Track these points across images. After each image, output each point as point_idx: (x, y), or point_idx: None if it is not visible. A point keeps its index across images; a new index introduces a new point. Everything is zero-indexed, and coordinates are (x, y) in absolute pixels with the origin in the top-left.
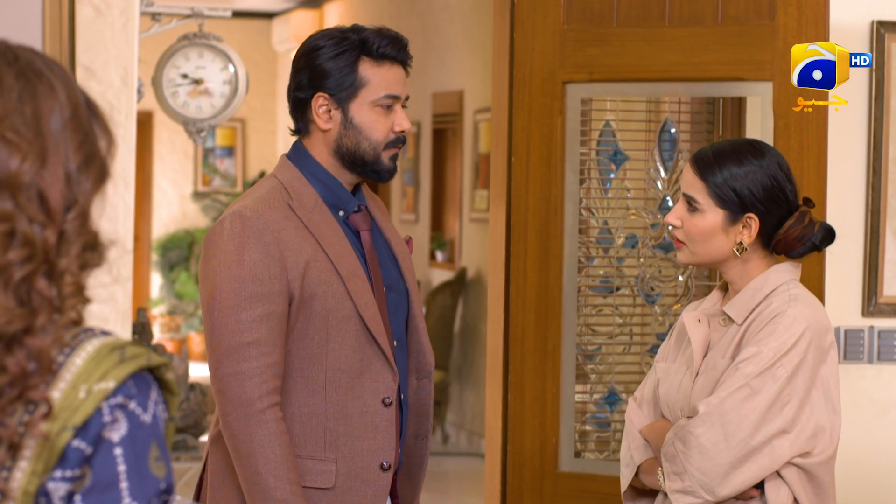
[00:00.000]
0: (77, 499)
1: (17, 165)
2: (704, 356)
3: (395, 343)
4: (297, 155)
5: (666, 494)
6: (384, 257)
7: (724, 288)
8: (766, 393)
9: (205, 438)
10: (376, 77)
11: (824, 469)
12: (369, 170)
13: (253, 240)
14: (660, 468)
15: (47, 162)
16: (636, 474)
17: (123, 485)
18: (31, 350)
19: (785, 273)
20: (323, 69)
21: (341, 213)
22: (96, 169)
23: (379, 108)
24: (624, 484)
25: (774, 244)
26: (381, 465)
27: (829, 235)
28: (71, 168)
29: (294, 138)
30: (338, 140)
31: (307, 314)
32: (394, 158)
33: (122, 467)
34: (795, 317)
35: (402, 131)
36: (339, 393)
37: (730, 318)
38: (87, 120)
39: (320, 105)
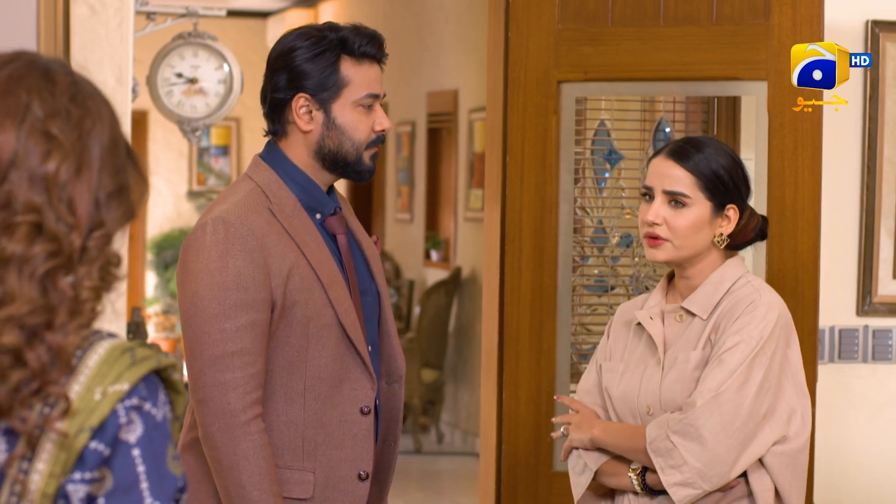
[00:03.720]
0: (100, 502)
1: (55, 165)
2: (665, 352)
3: (369, 348)
4: (272, 156)
5: (637, 493)
6: (357, 259)
7: (667, 283)
8: (755, 380)
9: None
10: (357, 76)
11: (802, 453)
12: (351, 170)
13: (237, 246)
14: (631, 469)
15: (81, 173)
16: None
17: (144, 485)
18: (51, 346)
19: (739, 267)
20: (302, 70)
21: (318, 215)
22: (126, 204)
23: (361, 107)
24: (578, 492)
25: (735, 235)
26: (359, 475)
27: (766, 224)
28: (101, 194)
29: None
30: (319, 141)
31: (288, 322)
32: (373, 158)
33: (141, 468)
34: (769, 304)
35: (383, 130)
36: (318, 402)
37: (689, 313)
38: (124, 157)
39: (301, 106)
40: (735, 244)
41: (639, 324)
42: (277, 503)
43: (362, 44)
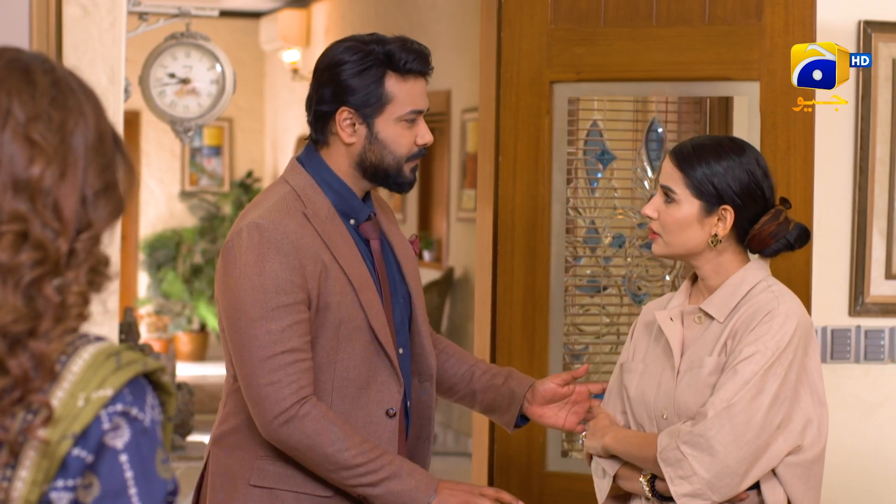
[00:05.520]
0: None
1: (39, 171)
2: (682, 354)
3: (400, 350)
4: (310, 160)
5: (648, 498)
6: (389, 263)
7: (691, 284)
8: (769, 391)
9: (192, 438)
10: (402, 92)
11: (816, 464)
12: (392, 182)
13: (272, 250)
14: (643, 475)
15: (66, 175)
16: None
17: (132, 490)
18: (34, 353)
19: (760, 270)
20: (348, 85)
21: (352, 221)
22: (114, 201)
23: (404, 122)
24: (602, 496)
25: (749, 240)
26: None
27: (804, 235)
28: (88, 193)
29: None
30: (361, 154)
31: (321, 323)
32: (414, 170)
33: (129, 473)
34: (787, 314)
35: (425, 144)
36: (345, 402)
37: (707, 315)
38: (111, 151)
39: (344, 119)
40: (754, 249)
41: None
42: (370, 450)
43: (408, 60)
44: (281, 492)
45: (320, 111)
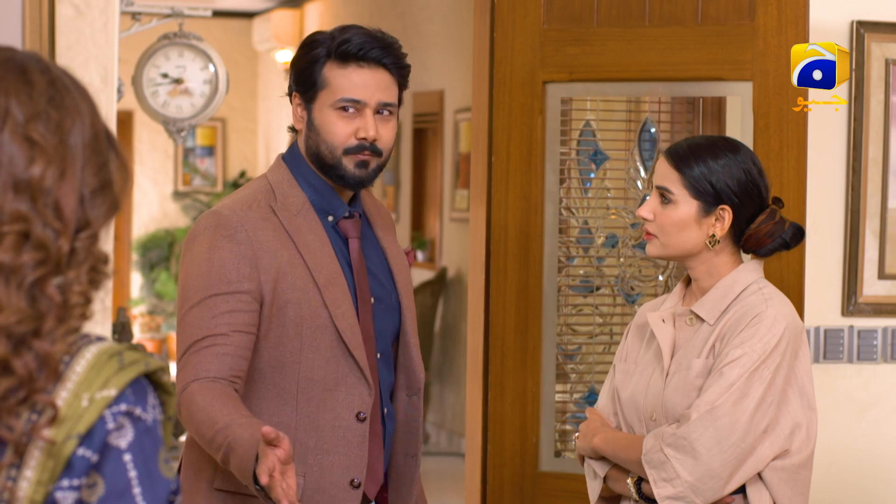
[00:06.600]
0: None
1: (39, 171)
2: (672, 356)
3: (378, 355)
4: (291, 156)
5: (635, 500)
6: (377, 267)
7: (685, 286)
8: (754, 395)
9: (185, 438)
10: (337, 79)
11: (804, 468)
12: (333, 174)
13: (225, 239)
14: (630, 477)
15: (66, 174)
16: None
17: (136, 490)
18: (39, 353)
19: (753, 272)
20: (297, 69)
21: (330, 218)
22: (110, 199)
23: (339, 111)
24: (593, 497)
25: (745, 240)
26: (352, 482)
27: (799, 233)
28: (85, 192)
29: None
30: (306, 141)
31: (282, 321)
32: (361, 165)
33: (132, 473)
34: (775, 317)
35: (365, 138)
36: (311, 404)
37: (698, 317)
38: (106, 150)
39: (296, 104)
40: (749, 249)
41: None
42: (215, 425)
43: (349, 45)
44: (243, 497)
45: (287, 97)
